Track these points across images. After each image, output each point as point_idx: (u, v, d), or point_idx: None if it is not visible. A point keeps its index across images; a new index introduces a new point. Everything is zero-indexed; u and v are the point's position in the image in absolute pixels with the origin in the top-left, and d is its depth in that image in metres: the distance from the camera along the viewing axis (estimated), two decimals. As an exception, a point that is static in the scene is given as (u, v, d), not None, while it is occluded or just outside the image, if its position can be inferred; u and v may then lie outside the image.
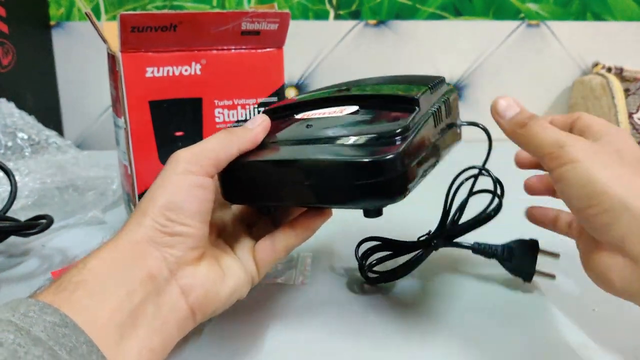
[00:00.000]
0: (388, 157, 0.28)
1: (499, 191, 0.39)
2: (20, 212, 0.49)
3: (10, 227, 0.42)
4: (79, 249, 0.48)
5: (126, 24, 0.39)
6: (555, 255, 0.39)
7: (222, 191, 0.33)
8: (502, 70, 0.92)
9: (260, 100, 0.46)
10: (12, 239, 0.44)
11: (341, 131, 0.31)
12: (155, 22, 0.40)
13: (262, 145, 0.33)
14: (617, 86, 0.82)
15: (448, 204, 0.40)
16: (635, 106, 0.81)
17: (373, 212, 0.32)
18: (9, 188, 0.44)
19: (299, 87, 0.90)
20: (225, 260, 0.31)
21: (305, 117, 0.35)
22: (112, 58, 0.44)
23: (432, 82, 0.35)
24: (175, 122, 0.44)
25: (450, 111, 0.35)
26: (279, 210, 0.37)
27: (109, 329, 0.24)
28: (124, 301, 0.26)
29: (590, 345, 0.34)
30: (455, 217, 0.40)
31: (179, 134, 0.44)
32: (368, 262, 0.40)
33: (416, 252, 0.40)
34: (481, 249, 0.40)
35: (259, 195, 0.33)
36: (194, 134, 0.45)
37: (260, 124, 0.33)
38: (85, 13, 0.42)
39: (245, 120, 0.46)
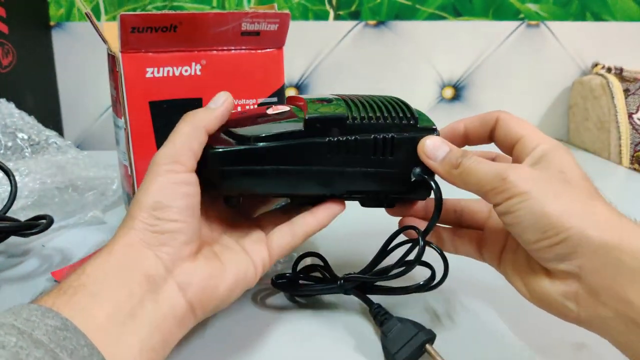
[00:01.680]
0: (207, 152, 0.31)
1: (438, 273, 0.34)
2: (20, 212, 0.49)
3: (10, 227, 0.42)
4: (79, 249, 0.48)
5: (126, 25, 0.39)
6: None
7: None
8: (501, 71, 0.92)
9: (260, 100, 0.46)
10: (12, 239, 0.44)
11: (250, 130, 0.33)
12: (155, 22, 0.40)
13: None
14: (617, 86, 0.82)
15: (380, 256, 0.36)
16: (635, 106, 0.81)
17: (230, 201, 0.35)
18: (9, 188, 0.44)
19: (298, 87, 0.90)
20: (227, 256, 0.31)
21: (271, 111, 0.36)
22: (112, 58, 0.44)
23: (379, 115, 0.33)
24: (175, 122, 0.44)
25: (385, 150, 0.33)
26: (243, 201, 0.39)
27: (108, 329, 0.25)
28: (122, 302, 0.26)
29: (591, 345, 0.34)
30: (381, 274, 0.35)
31: None
32: (281, 280, 0.39)
33: (329, 286, 0.37)
34: (374, 312, 0.35)
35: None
36: (194, 134, 0.45)
37: (224, 102, 0.33)
38: (85, 13, 0.42)
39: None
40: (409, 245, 0.34)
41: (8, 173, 0.45)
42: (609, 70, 0.87)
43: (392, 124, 0.33)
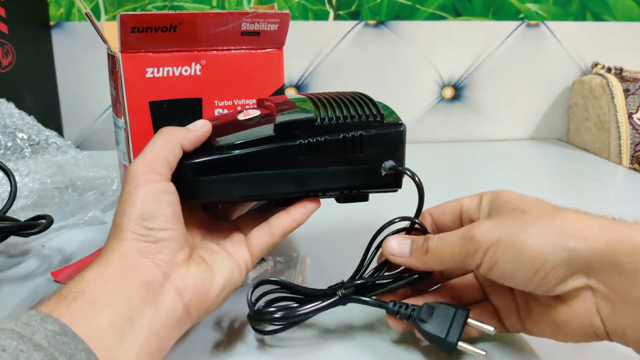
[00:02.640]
0: (183, 163, 0.32)
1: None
2: (20, 212, 0.49)
3: (10, 227, 0.42)
4: (79, 249, 0.48)
5: (126, 25, 0.39)
6: (488, 330, 0.32)
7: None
8: (501, 71, 0.92)
9: (260, 100, 0.46)
10: (12, 239, 0.44)
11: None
12: (155, 22, 0.40)
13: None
14: (617, 86, 0.82)
15: (369, 255, 0.35)
16: (635, 106, 0.81)
17: (208, 207, 0.36)
18: (8, 188, 0.44)
19: (298, 87, 0.90)
20: (212, 259, 0.32)
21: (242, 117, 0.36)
22: (112, 58, 0.44)
23: (346, 114, 0.34)
24: (175, 122, 0.44)
25: (355, 147, 0.34)
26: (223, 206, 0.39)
27: (108, 334, 0.25)
28: (121, 308, 0.27)
29: (590, 345, 0.34)
30: (374, 273, 0.35)
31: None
32: (267, 309, 0.33)
33: (318, 302, 0.33)
34: (395, 310, 0.33)
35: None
36: (194, 134, 0.45)
37: (202, 126, 0.34)
38: (85, 13, 0.42)
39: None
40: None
41: (8, 173, 0.45)
42: (609, 70, 0.87)
43: (360, 122, 0.34)
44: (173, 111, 0.44)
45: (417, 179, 0.34)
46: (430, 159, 0.83)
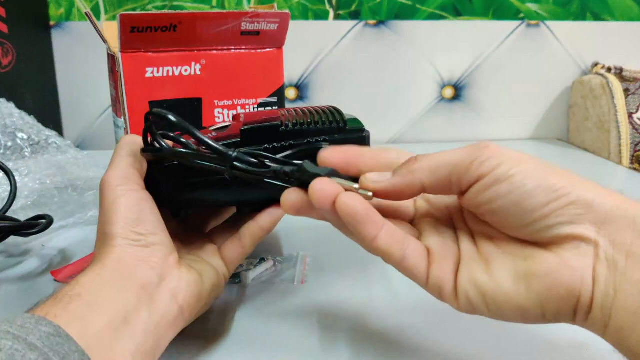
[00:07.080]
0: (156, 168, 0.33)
1: None
2: (20, 212, 0.49)
3: (10, 227, 0.42)
4: (79, 249, 0.48)
5: (126, 24, 0.39)
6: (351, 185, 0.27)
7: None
8: (502, 70, 0.92)
9: (260, 100, 0.46)
10: (12, 239, 0.44)
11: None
12: (155, 22, 0.40)
13: None
14: (617, 86, 0.82)
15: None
16: (635, 106, 0.81)
17: (178, 213, 0.37)
18: (8, 188, 0.44)
19: (298, 87, 0.90)
20: (197, 265, 0.33)
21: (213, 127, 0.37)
22: (112, 58, 0.44)
23: (310, 120, 0.35)
24: (175, 122, 0.44)
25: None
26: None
27: (104, 335, 0.26)
28: (118, 310, 0.27)
29: (590, 345, 0.34)
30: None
31: (178, 134, 0.44)
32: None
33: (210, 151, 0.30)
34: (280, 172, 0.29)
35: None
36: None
37: None
38: (85, 13, 0.42)
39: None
40: None
41: (8, 173, 0.45)
42: (609, 70, 0.87)
43: (323, 128, 0.36)
44: (173, 111, 0.44)
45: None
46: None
